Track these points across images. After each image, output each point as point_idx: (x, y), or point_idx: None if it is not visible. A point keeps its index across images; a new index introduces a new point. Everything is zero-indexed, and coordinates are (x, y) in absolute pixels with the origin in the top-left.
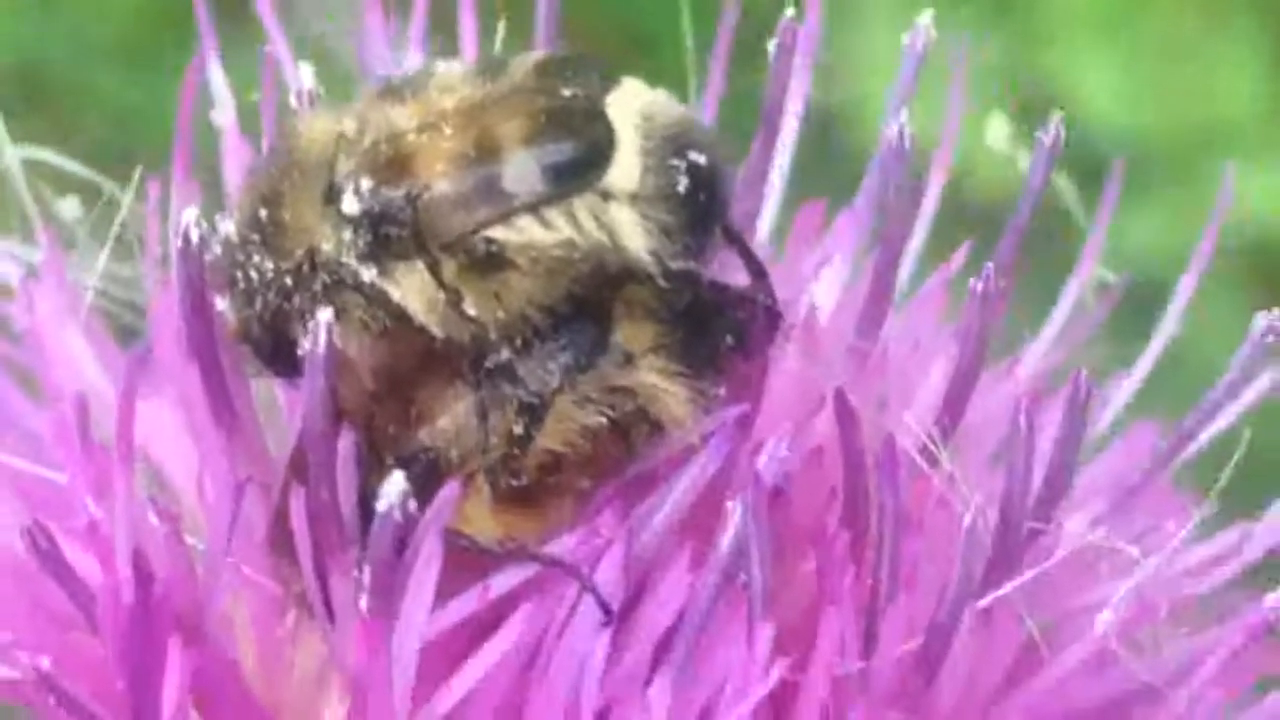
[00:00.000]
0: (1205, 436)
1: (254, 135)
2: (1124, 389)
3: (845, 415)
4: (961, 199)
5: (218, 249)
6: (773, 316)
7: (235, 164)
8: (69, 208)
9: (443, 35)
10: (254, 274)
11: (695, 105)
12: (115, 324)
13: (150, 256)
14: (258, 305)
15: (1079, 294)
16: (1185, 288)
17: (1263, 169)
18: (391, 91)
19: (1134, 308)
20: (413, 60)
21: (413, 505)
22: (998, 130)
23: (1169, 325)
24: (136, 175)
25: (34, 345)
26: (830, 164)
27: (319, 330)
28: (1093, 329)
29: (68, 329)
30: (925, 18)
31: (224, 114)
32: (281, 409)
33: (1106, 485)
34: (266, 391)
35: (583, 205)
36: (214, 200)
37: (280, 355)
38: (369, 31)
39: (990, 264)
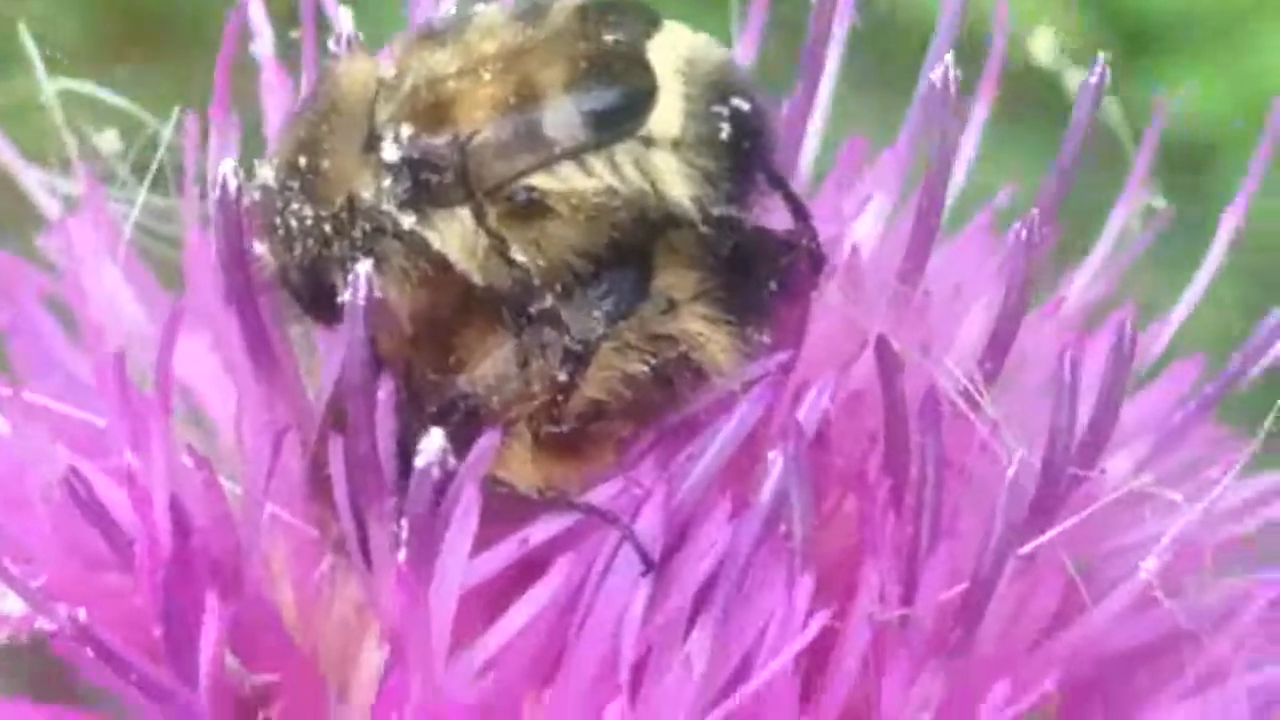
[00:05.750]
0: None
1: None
2: (1168, 326)
3: (887, 362)
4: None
5: (256, 195)
6: (816, 260)
7: (274, 98)
8: (108, 141)
9: None
10: (293, 221)
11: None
12: (152, 256)
13: (188, 194)
14: (296, 251)
15: (1124, 222)
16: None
17: None
18: (431, 36)
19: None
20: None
21: (451, 462)
22: (1043, 44)
23: (1213, 260)
24: (175, 111)
25: (72, 282)
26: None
27: (359, 281)
28: (1137, 258)
29: (106, 266)
30: None
31: (263, 46)
32: (318, 349)
33: (1149, 424)
34: (301, 331)
35: (624, 152)
36: (251, 131)
37: (319, 301)
38: None
39: (1034, 211)
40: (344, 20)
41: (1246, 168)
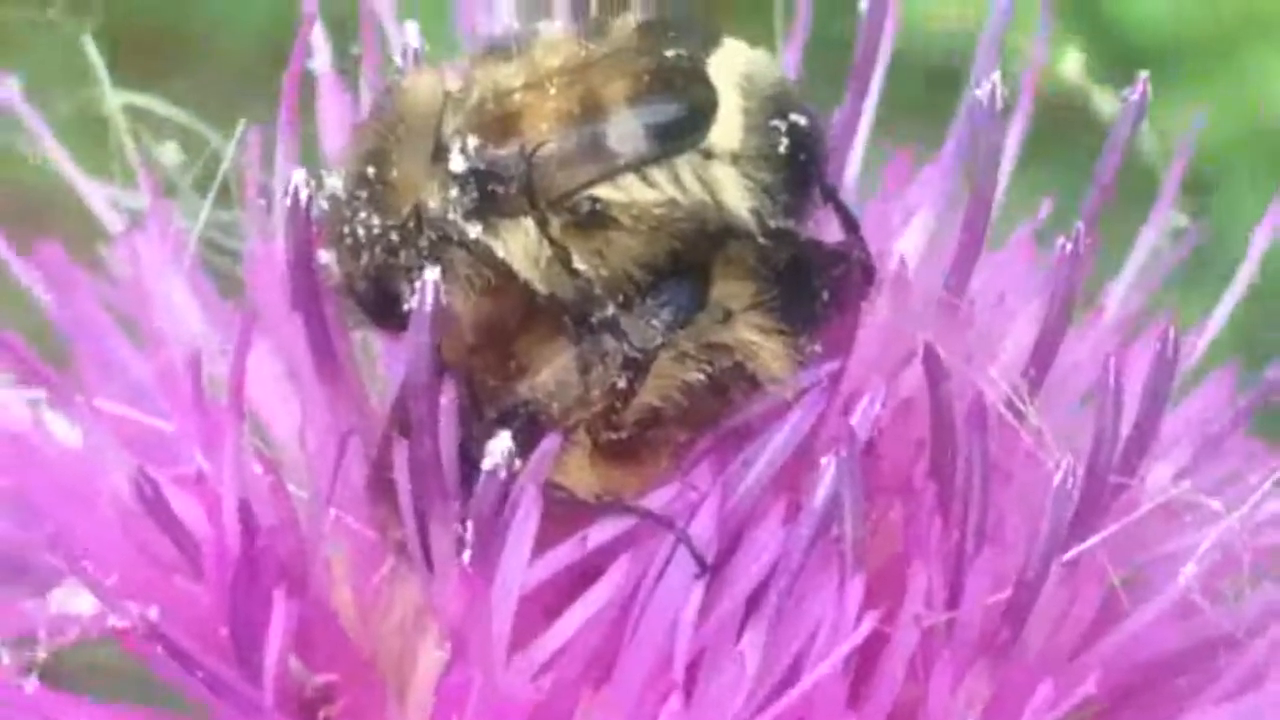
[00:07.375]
0: None
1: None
2: (1203, 338)
3: (934, 369)
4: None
5: (324, 204)
6: (867, 272)
7: (330, 111)
8: (169, 154)
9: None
10: (360, 230)
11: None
12: (212, 268)
13: (251, 206)
14: (363, 260)
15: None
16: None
17: None
18: (497, 51)
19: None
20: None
21: (517, 464)
22: (1072, 63)
23: (1248, 271)
24: (240, 126)
25: (137, 293)
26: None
27: (426, 288)
28: (1167, 273)
29: (172, 278)
30: None
31: (321, 63)
32: (377, 358)
33: (1188, 434)
34: (362, 340)
35: (685, 165)
36: (306, 145)
37: (383, 310)
38: None
39: (1079, 223)
40: (410, 34)
41: (1242, 188)
